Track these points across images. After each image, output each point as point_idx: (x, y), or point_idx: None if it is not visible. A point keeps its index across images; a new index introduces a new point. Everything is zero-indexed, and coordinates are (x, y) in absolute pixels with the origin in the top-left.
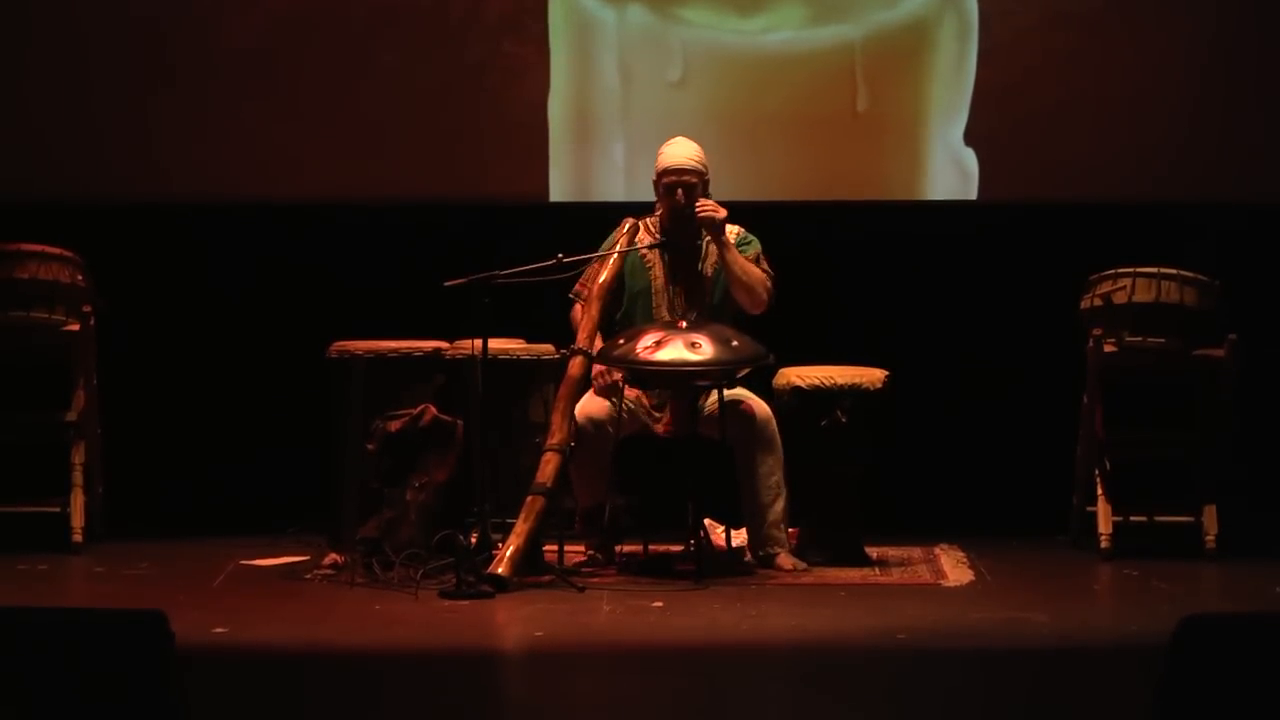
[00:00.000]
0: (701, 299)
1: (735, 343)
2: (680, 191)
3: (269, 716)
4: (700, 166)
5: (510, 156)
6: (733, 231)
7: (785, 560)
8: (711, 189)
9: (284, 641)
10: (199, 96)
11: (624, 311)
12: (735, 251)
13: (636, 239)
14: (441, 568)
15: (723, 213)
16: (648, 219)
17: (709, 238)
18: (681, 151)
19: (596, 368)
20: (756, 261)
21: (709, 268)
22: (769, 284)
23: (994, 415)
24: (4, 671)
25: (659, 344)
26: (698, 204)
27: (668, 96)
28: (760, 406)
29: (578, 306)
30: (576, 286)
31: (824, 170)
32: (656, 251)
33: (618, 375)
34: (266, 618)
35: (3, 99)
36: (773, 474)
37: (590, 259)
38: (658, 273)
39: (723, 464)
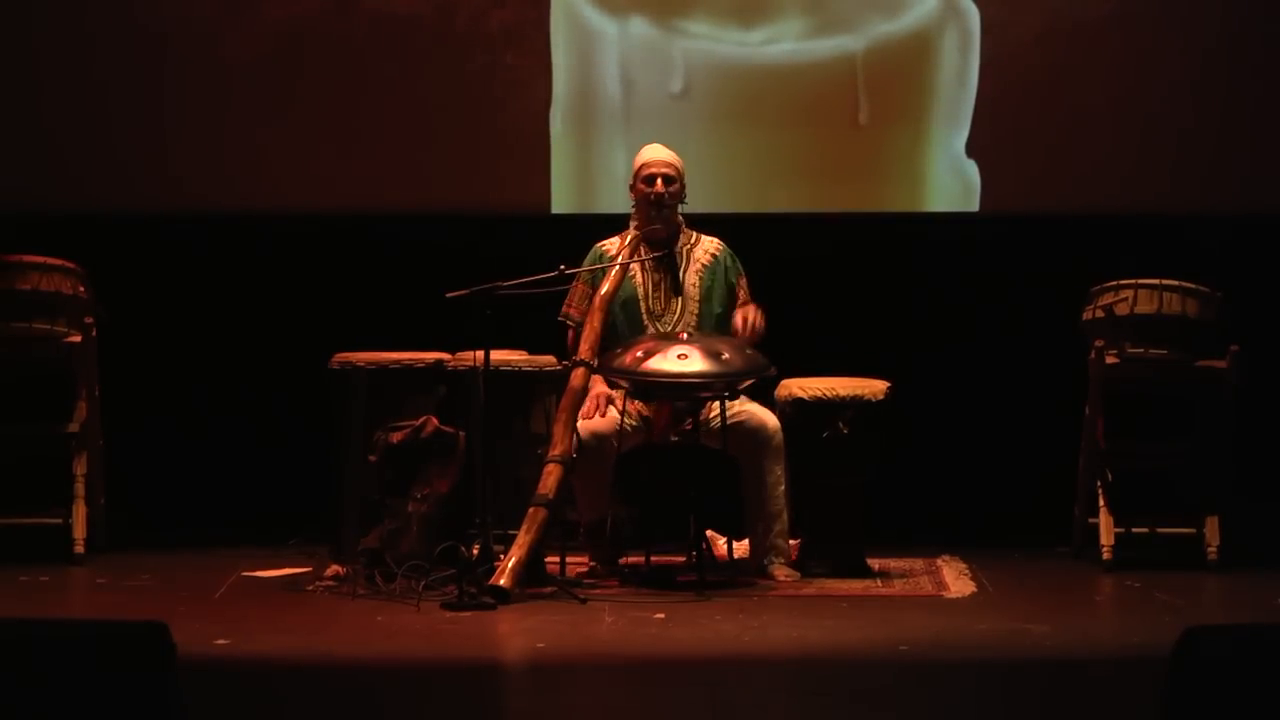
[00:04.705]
0: (685, 306)
1: (725, 355)
2: (660, 182)
3: None
4: (679, 167)
5: (512, 168)
6: (714, 244)
7: (781, 571)
8: (713, 201)
9: (286, 653)
10: (201, 107)
11: (610, 323)
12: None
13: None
14: (443, 579)
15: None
16: (618, 237)
17: (690, 244)
18: (659, 150)
19: (592, 399)
20: (739, 286)
21: (692, 274)
22: (761, 323)
23: (996, 426)
24: (5, 683)
25: (658, 356)
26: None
27: (669, 108)
28: (770, 418)
29: (572, 332)
30: (565, 309)
31: (825, 181)
32: (639, 262)
33: (615, 394)
34: (268, 629)
35: (6, 109)
36: (779, 485)
37: (592, 271)
38: (639, 281)
39: (725, 475)
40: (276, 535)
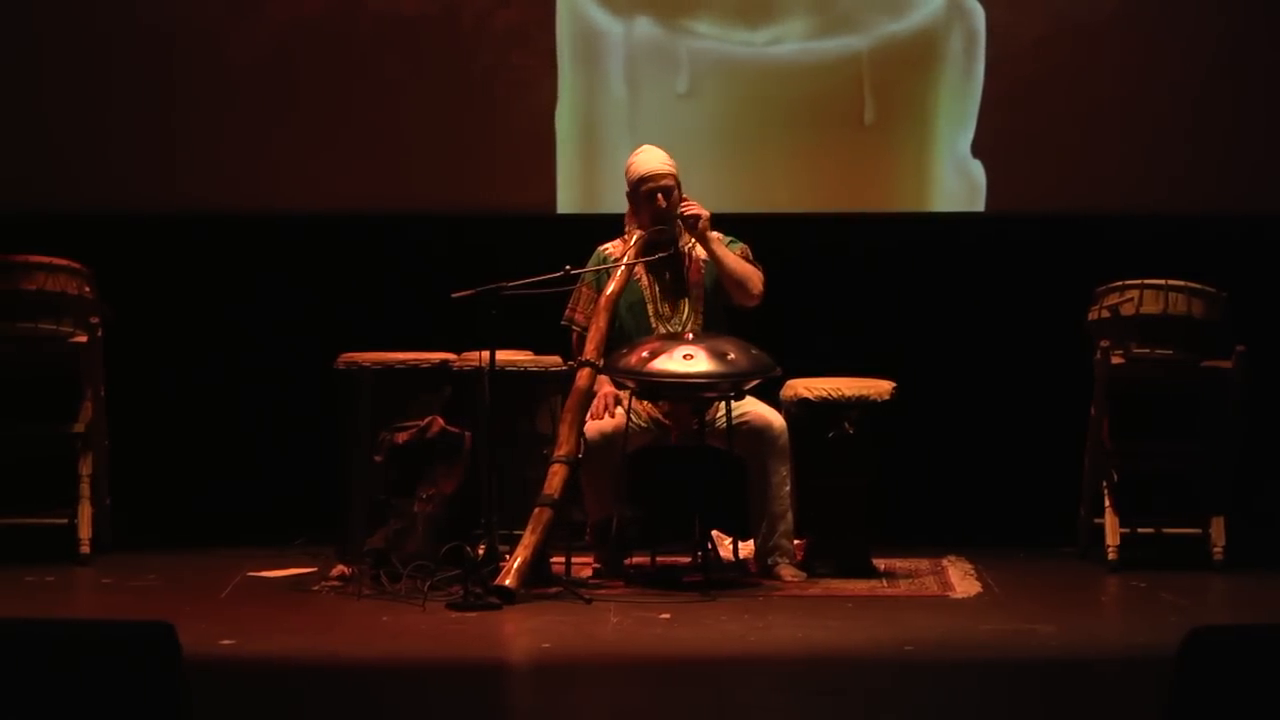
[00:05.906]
0: (692, 305)
1: (731, 355)
2: (660, 196)
3: None
4: (674, 170)
5: (517, 168)
6: (714, 237)
7: (787, 571)
8: (718, 201)
9: (291, 653)
10: (206, 107)
11: (617, 325)
12: (723, 246)
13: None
14: (449, 579)
15: (706, 212)
16: (619, 240)
17: (690, 243)
18: (655, 158)
19: (600, 398)
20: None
21: (693, 273)
22: (761, 275)
23: (1001, 427)
24: (11, 684)
25: (663, 356)
26: (682, 203)
27: (675, 108)
28: (775, 418)
29: (575, 336)
30: (568, 313)
31: (831, 181)
32: (643, 263)
33: (622, 395)
34: (274, 629)
35: (11, 110)
36: (785, 484)
37: (597, 272)
38: (645, 284)
39: (730, 475)
40: (282, 535)
